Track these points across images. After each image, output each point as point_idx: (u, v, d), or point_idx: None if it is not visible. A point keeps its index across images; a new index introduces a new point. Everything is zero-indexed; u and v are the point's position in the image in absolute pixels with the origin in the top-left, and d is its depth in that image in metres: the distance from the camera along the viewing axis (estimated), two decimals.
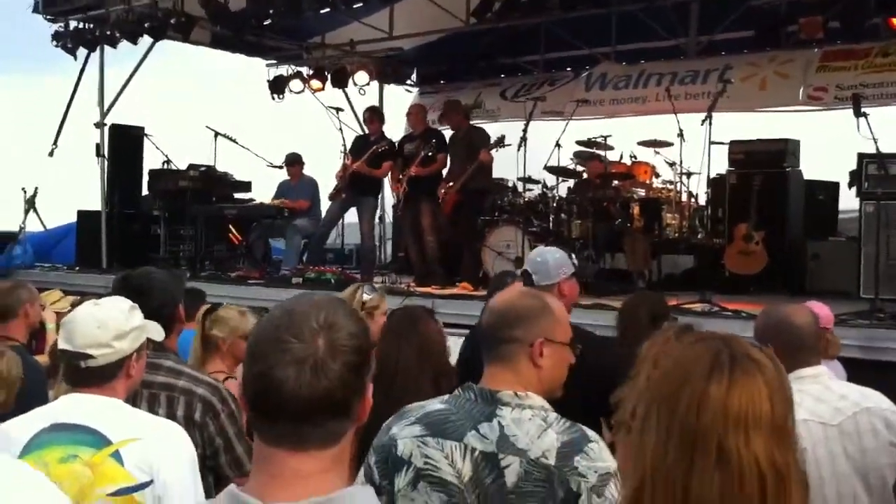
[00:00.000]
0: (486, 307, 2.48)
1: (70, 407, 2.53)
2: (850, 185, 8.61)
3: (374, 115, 10.43)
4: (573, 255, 4.06)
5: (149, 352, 2.95)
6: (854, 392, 3.02)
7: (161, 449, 2.47)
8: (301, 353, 1.45)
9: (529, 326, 2.34)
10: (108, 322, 2.57)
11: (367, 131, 10.46)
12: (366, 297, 4.64)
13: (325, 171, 10.63)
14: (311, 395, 1.45)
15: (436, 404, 2.35)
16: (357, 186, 9.96)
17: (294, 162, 10.92)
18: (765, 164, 9.28)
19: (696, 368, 1.51)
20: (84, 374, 2.55)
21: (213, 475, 3.07)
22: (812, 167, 9.70)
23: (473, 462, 2.19)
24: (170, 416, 2.97)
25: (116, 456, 2.43)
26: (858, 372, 5.04)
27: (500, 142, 9.23)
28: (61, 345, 2.57)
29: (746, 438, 1.44)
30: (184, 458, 2.52)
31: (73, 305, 6.12)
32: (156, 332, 2.82)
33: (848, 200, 9.05)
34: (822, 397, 2.93)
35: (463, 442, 2.22)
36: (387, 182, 10.53)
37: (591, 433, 2.25)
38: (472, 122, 10.35)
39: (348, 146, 10.36)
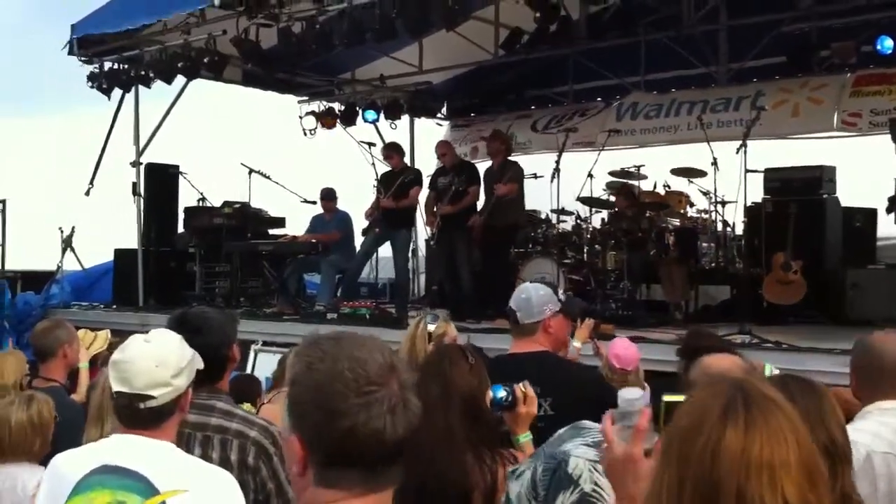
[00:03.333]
0: (700, 365, 2.46)
1: (121, 448, 2.45)
2: (889, 211, 8.51)
3: (392, 151, 10.43)
4: (559, 291, 4.02)
5: (202, 393, 2.93)
6: None
7: (209, 502, 2.40)
8: (387, 398, 1.51)
9: None
10: (166, 359, 2.52)
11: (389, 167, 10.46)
12: (430, 327, 4.65)
13: (358, 206, 10.67)
14: (404, 435, 1.51)
15: None
16: (390, 220, 9.97)
17: (328, 197, 11.01)
18: (801, 192, 9.17)
19: (708, 413, 1.44)
20: (142, 415, 2.48)
21: None
22: (849, 194, 9.58)
23: None
24: (223, 460, 2.92)
25: None
26: None
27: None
28: (117, 387, 2.48)
29: (772, 483, 1.35)
30: None
31: (112, 346, 6.17)
32: (199, 361, 2.71)
33: (886, 227, 8.93)
34: None
35: None
36: (419, 217, 10.54)
37: None
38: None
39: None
